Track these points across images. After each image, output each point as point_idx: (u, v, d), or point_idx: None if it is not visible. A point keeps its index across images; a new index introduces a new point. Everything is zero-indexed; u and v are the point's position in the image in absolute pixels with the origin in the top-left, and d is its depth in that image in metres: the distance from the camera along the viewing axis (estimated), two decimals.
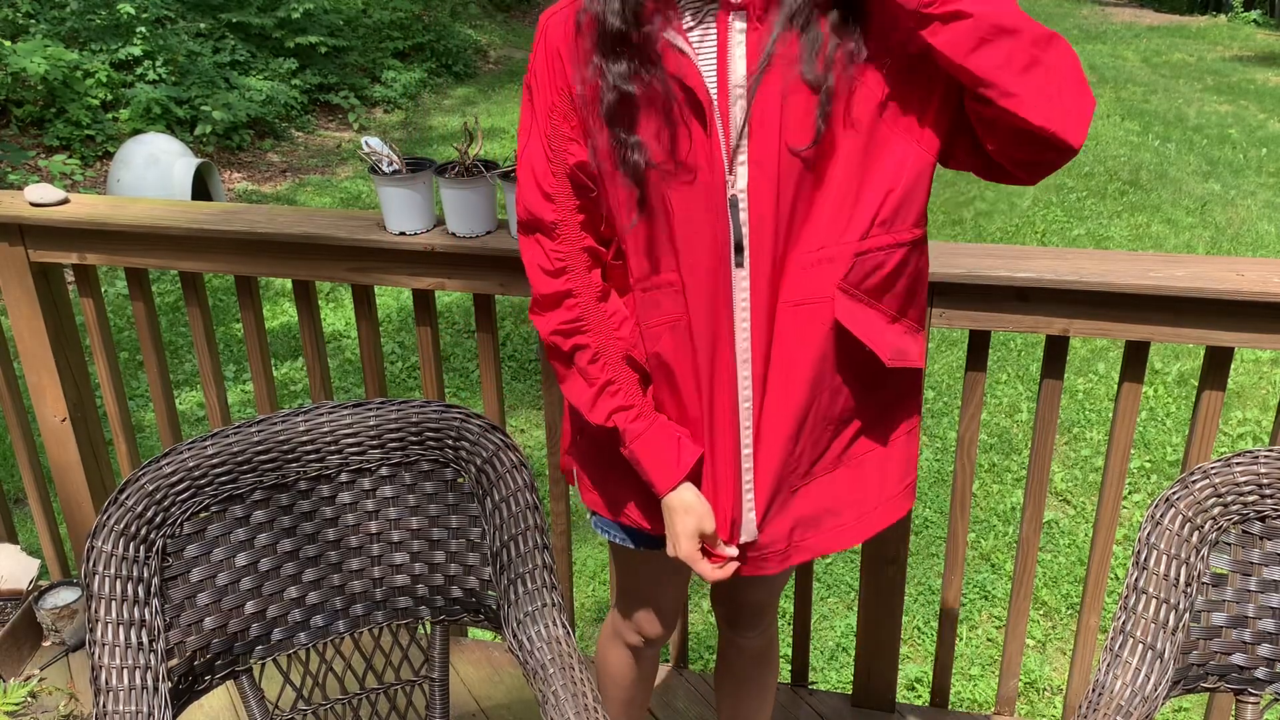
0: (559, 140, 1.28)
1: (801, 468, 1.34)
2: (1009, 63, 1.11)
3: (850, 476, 1.37)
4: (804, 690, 2.22)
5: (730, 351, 1.27)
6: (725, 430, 1.30)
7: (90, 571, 1.30)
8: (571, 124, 1.27)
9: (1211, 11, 12.62)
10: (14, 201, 2.11)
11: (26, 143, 6.19)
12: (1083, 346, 4.44)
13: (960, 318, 1.78)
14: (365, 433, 1.48)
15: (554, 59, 1.26)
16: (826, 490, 1.37)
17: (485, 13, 10.86)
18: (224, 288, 5.05)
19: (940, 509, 3.36)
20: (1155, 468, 3.60)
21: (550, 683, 1.35)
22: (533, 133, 1.30)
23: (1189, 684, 1.37)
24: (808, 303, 1.26)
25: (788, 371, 1.28)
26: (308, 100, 7.92)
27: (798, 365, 1.28)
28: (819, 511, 1.37)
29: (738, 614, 1.66)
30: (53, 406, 2.26)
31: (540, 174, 1.30)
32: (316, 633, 1.48)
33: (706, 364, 1.28)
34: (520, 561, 1.46)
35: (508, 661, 2.31)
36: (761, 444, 1.31)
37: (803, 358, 1.27)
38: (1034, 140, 1.15)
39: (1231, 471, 1.37)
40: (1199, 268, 1.68)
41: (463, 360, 4.44)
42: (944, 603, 2.05)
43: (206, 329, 2.17)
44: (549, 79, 1.27)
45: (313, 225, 1.97)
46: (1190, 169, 6.79)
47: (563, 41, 1.26)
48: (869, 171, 1.23)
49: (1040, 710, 2.60)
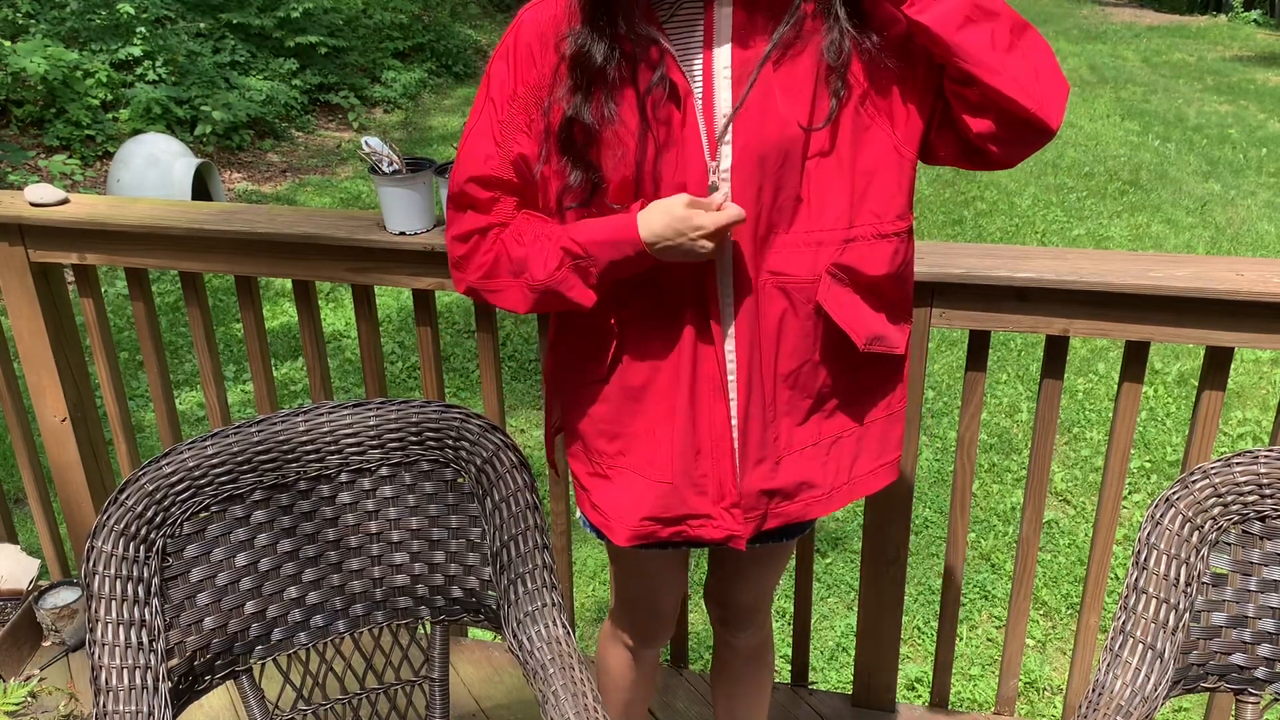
0: (510, 129, 1.28)
1: (782, 439, 1.35)
2: (993, 42, 1.14)
3: (825, 453, 1.39)
4: (804, 690, 2.22)
5: (712, 327, 1.28)
6: (711, 401, 1.31)
7: (90, 571, 1.30)
8: (530, 116, 1.27)
9: (1211, 11, 12.62)
10: (14, 201, 2.11)
11: (26, 143, 6.19)
12: (1083, 346, 4.44)
13: (960, 318, 1.78)
14: (365, 433, 1.48)
15: (525, 51, 1.26)
16: (803, 464, 1.38)
17: (485, 13, 10.86)
18: (224, 288, 5.05)
19: (940, 509, 3.36)
20: (1155, 468, 3.60)
21: (550, 683, 1.35)
22: (484, 114, 1.30)
23: (1189, 684, 1.37)
24: (792, 282, 1.28)
25: (769, 346, 1.30)
26: (308, 100, 7.92)
27: (780, 340, 1.30)
28: (796, 484, 1.39)
29: (730, 614, 1.67)
30: (53, 406, 2.26)
31: (484, 156, 1.30)
32: (316, 633, 1.48)
33: (689, 343, 1.29)
34: (520, 561, 1.46)
35: (508, 661, 2.31)
36: (744, 415, 1.32)
37: (785, 333, 1.30)
38: (1014, 121, 1.17)
39: (1231, 471, 1.37)
40: (1199, 268, 1.68)
41: (463, 360, 4.44)
42: (944, 603, 2.05)
43: (206, 329, 2.17)
44: (516, 70, 1.27)
45: (312, 225, 1.97)
46: (1190, 169, 6.79)
47: (536, 38, 1.25)
48: (856, 160, 1.25)
49: (1040, 710, 2.60)
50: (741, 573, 1.61)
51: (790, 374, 1.32)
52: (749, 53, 1.21)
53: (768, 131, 1.21)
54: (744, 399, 1.31)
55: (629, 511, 1.39)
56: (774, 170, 1.23)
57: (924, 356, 1.83)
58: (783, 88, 1.21)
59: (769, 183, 1.23)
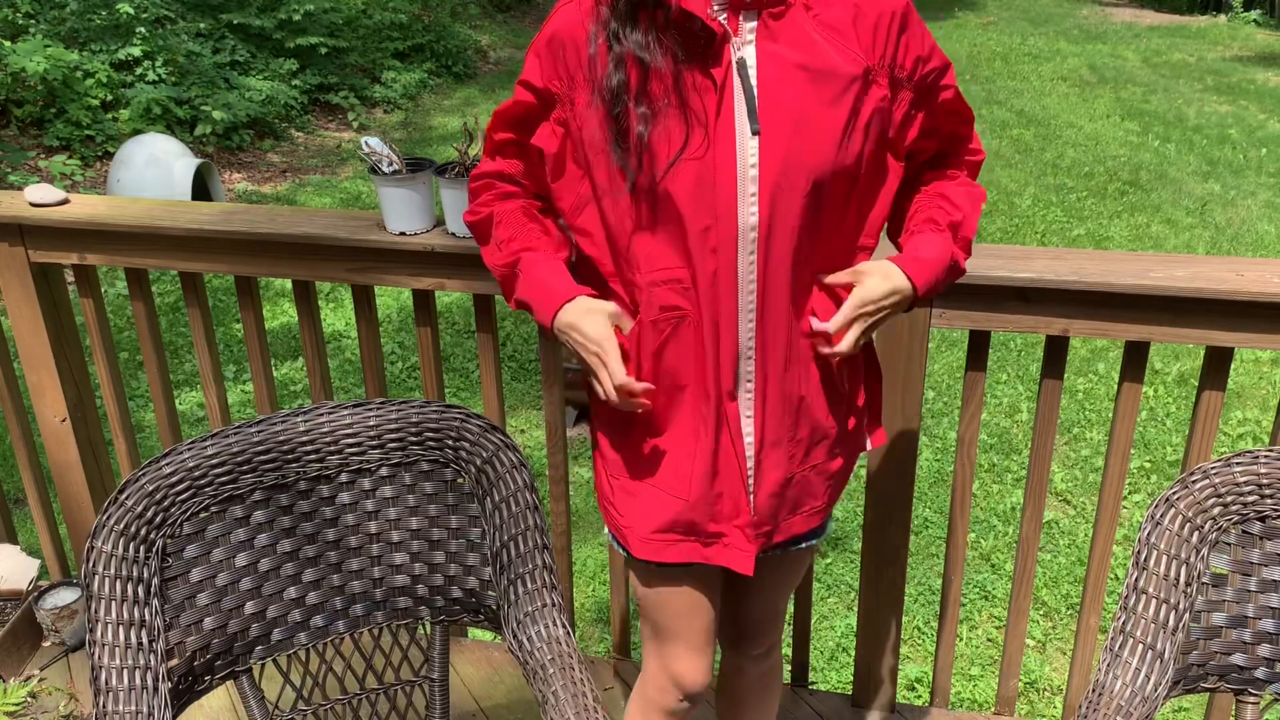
0: (535, 116, 1.31)
1: (799, 455, 1.37)
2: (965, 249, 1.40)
3: (827, 464, 1.42)
4: (804, 690, 2.22)
5: (733, 338, 1.28)
6: (735, 421, 1.32)
7: (90, 572, 1.30)
8: (561, 114, 1.28)
9: (1211, 11, 12.62)
10: (14, 201, 2.11)
11: (26, 143, 6.19)
12: (1083, 346, 4.44)
13: (960, 318, 1.78)
14: (365, 433, 1.48)
15: (558, 45, 1.26)
16: (808, 480, 1.40)
17: (485, 13, 10.86)
18: (224, 288, 5.05)
19: (940, 509, 3.36)
20: (1155, 468, 3.60)
21: (550, 683, 1.35)
22: (521, 95, 1.32)
23: (1189, 684, 1.37)
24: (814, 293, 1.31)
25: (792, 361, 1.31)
26: (308, 100, 7.92)
27: (802, 355, 1.31)
28: (801, 497, 1.40)
29: (741, 632, 1.64)
30: (53, 406, 2.27)
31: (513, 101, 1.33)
32: (316, 633, 1.48)
33: (712, 353, 1.29)
34: (520, 561, 1.46)
35: (508, 661, 2.31)
36: (760, 437, 1.33)
37: (805, 348, 1.31)
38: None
39: (1231, 471, 1.37)
40: (1199, 268, 1.68)
41: (463, 360, 4.44)
42: (944, 603, 2.05)
43: (206, 329, 2.17)
44: (551, 65, 1.27)
45: (313, 225, 1.97)
46: (1190, 169, 6.79)
47: (569, 26, 1.26)
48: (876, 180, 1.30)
49: (1040, 710, 2.60)
50: (750, 588, 1.59)
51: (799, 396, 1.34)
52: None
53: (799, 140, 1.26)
54: (759, 418, 1.32)
55: (645, 522, 1.39)
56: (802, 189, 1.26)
57: (924, 356, 1.83)
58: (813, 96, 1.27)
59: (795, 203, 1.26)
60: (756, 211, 1.22)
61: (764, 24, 1.20)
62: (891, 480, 1.93)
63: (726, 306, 1.26)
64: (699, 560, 1.40)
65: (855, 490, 3.46)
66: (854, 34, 1.22)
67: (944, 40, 11.21)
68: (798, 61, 1.20)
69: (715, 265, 1.24)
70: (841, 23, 1.22)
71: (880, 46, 1.23)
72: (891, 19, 1.23)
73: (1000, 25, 11.85)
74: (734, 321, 1.26)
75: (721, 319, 1.26)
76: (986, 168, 6.88)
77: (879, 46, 1.23)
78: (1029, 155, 7.13)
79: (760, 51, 1.20)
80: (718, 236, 1.22)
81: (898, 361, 1.83)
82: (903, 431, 1.89)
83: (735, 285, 1.25)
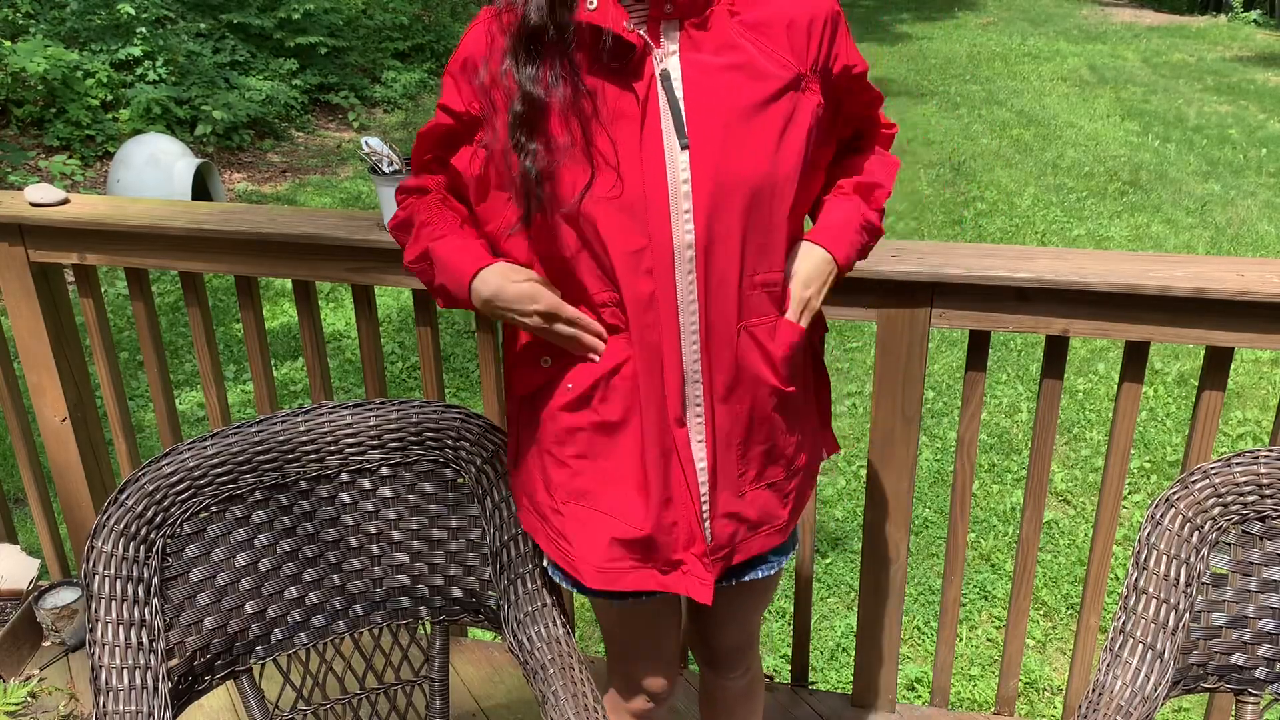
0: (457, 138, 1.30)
1: (751, 475, 1.31)
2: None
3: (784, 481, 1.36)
4: (804, 690, 2.22)
5: (677, 361, 1.22)
6: (684, 446, 1.25)
7: (90, 571, 1.30)
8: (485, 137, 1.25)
9: (1211, 11, 12.62)
10: (14, 201, 2.12)
11: (26, 143, 6.19)
12: (1083, 346, 4.44)
13: (960, 318, 1.78)
14: (365, 433, 1.48)
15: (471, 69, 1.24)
16: (764, 499, 1.34)
17: None
18: (224, 288, 5.05)
19: (940, 509, 3.36)
20: (1155, 468, 3.61)
21: (550, 683, 1.35)
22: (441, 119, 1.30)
23: (1189, 684, 1.37)
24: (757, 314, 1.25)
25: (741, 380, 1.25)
26: (308, 100, 7.92)
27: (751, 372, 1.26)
28: (759, 517, 1.34)
29: (717, 658, 1.60)
30: (53, 406, 2.27)
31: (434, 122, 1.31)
32: (316, 633, 1.48)
33: (656, 380, 1.23)
34: (520, 562, 1.46)
35: (508, 661, 2.31)
36: (713, 462, 1.27)
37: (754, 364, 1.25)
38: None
39: (1231, 471, 1.37)
40: (1199, 268, 1.68)
41: (463, 360, 4.44)
42: (944, 603, 2.05)
43: (206, 329, 2.17)
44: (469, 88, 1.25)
45: (313, 225, 1.97)
46: (1190, 169, 6.79)
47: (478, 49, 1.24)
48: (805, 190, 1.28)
49: (1040, 710, 2.60)
50: (720, 614, 1.54)
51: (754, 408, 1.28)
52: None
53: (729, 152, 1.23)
54: (710, 442, 1.26)
55: (596, 551, 1.31)
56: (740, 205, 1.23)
57: (924, 356, 1.83)
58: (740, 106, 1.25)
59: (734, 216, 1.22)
60: (692, 229, 1.17)
61: (687, 34, 1.17)
62: (891, 480, 1.94)
63: (668, 330, 1.20)
64: (656, 588, 1.32)
65: (855, 490, 3.46)
66: (785, 39, 1.19)
67: (944, 40, 11.22)
68: (724, 66, 1.17)
69: (652, 288, 1.18)
70: (769, 26, 1.19)
71: (813, 52, 1.21)
72: (825, 24, 1.21)
73: (1000, 25, 11.85)
74: (677, 345, 1.20)
75: (664, 343, 1.20)
76: (987, 167, 6.89)
77: (811, 52, 1.21)
78: (1029, 155, 7.14)
79: (685, 62, 1.17)
80: (652, 258, 1.17)
81: (898, 361, 1.83)
82: (903, 432, 1.89)
83: (675, 307, 1.19)
